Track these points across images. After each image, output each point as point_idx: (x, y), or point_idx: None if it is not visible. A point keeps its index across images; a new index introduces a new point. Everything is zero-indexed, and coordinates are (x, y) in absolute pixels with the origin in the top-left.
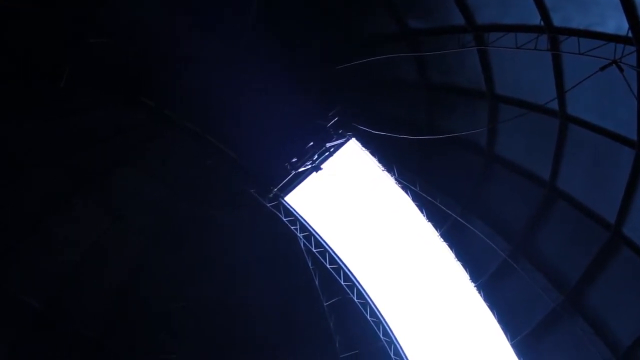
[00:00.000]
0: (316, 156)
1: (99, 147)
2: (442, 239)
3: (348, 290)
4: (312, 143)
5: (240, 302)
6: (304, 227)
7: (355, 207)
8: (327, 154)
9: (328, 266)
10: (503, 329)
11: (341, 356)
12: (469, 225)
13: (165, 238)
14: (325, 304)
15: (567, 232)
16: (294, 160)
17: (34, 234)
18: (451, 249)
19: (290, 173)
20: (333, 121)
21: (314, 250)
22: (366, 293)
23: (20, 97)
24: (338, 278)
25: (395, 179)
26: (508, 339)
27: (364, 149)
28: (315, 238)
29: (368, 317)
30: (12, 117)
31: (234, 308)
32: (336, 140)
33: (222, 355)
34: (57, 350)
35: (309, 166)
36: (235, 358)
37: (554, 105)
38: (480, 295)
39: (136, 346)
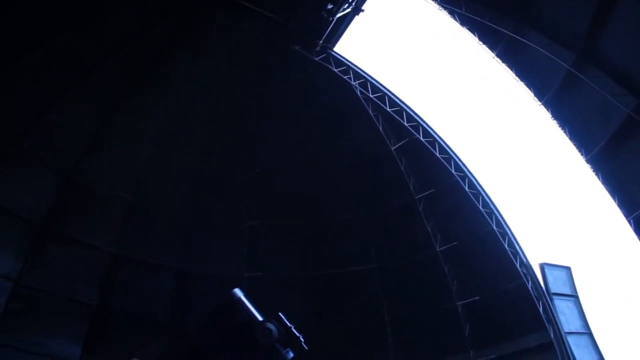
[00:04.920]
0: None
1: (145, 39)
2: (499, 60)
3: (413, 131)
4: None
5: (316, 159)
6: (358, 75)
7: (405, 46)
8: None
9: (389, 109)
10: (576, 145)
11: (416, 197)
12: (524, 40)
13: (228, 112)
14: (392, 149)
15: (634, 26)
16: (329, 7)
17: (106, 131)
18: (511, 69)
19: (330, 21)
20: None
21: (372, 97)
22: (432, 130)
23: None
24: (401, 120)
25: (439, 4)
26: (583, 155)
27: None
28: (372, 83)
29: (437, 154)
30: (57, 28)
31: (308, 169)
32: None
33: (305, 210)
34: (155, 233)
35: (348, 10)
36: (318, 213)
37: None
38: (549, 112)
39: (222, 218)
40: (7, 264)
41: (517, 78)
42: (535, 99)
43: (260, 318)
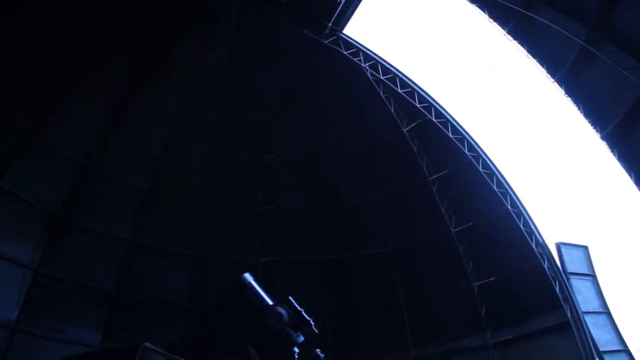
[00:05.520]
0: None
1: (149, 27)
2: (510, 38)
3: (425, 112)
4: None
5: (327, 144)
6: (368, 57)
7: (415, 26)
8: None
9: (400, 91)
10: (591, 122)
11: (430, 178)
12: (535, 16)
13: (238, 99)
14: (405, 130)
15: None
16: None
17: (118, 122)
18: (522, 46)
19: (339, 3)
20: None
21: (382, 78)
22: (445, 110)
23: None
24: (413, 101)
25: None
26: (598, 132)
27: None
28: (382, 65)
29: (450, 135)
30: (57, 28)
31: (322, 151)
32: None
33: (319, 194)
34: (170, 220)
35: None
36: (332, 197)
37: None
38: (562, 89)
39: (237, 204)
40: (27, 253)
41: (529, 55)
42: (548, 75)
43: (270, 302)
